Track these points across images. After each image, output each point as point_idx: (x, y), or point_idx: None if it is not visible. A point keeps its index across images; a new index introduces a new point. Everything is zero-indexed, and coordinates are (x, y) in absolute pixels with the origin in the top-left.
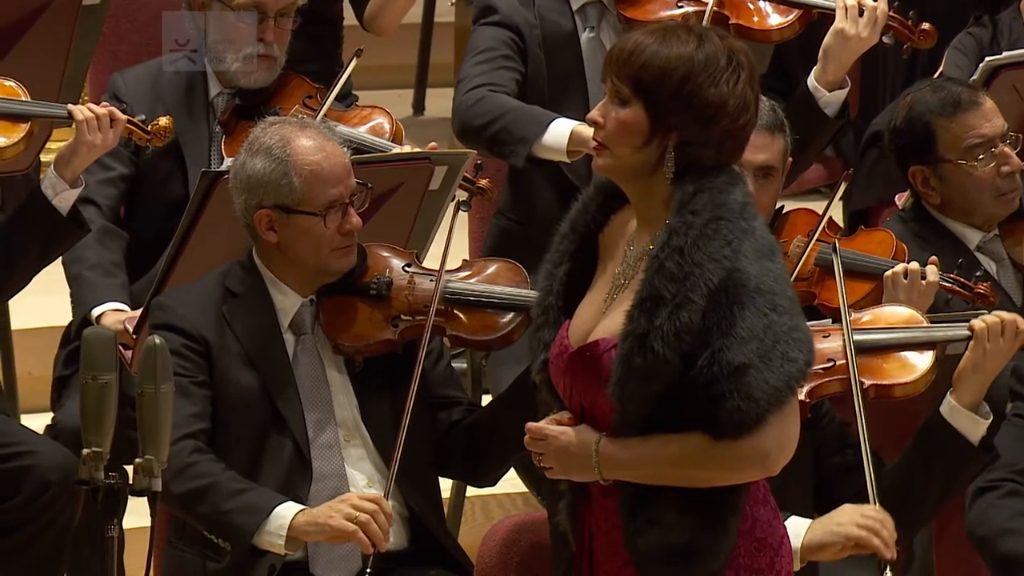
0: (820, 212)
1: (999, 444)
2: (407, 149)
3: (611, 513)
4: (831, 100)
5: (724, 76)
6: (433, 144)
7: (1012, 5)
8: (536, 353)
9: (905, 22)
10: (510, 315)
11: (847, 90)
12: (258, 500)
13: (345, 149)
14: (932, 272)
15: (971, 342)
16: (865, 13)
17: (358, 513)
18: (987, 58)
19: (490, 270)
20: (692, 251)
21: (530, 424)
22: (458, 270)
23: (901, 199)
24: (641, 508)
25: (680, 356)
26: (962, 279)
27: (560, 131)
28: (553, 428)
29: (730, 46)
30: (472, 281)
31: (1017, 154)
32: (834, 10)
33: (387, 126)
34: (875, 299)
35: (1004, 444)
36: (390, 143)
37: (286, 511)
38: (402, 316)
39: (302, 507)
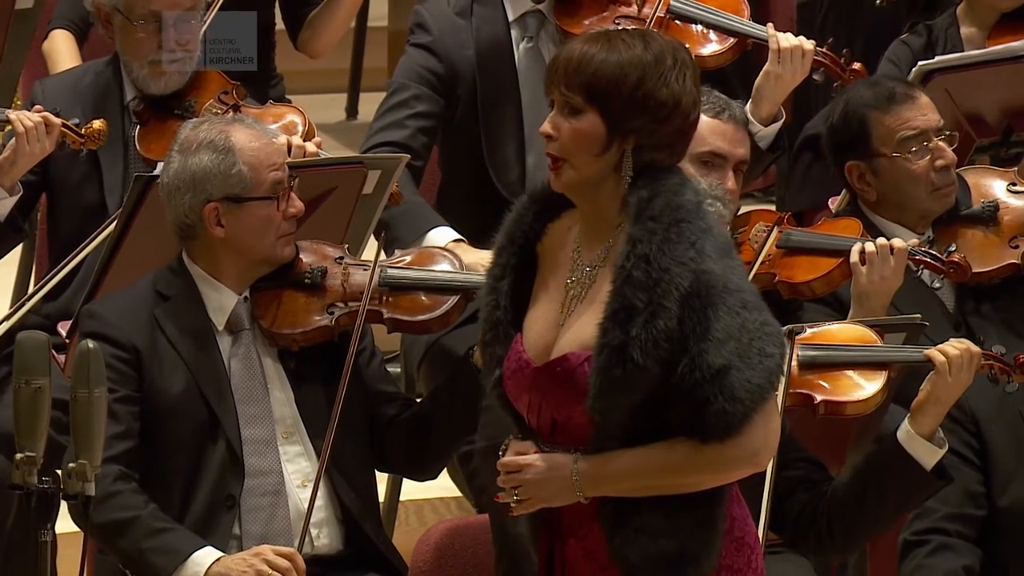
0: (774, 211)
1: None
2: (310, 147)
3: (586, 518)
4: (766, 134)
5: (673, 75)
6: None
7: (947, 11)
8: (490, 370)
9: (837, 60)
10: (446, 297)
11: (781, 123)
12: (177, 543)
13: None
14: (898, 240)
15: (933, 375)
16: (795, 56)
17: (271, 572)
18: (920, 62)
19: (424, 256)
20: (658, 257)
21: (503, 460)
22: (392, 257)
23: (834, 203)
24: (627, 517)
25: (659, 364)
26: (933, 252)
27: (434, 244)
28: (527, 458)
29: (672, 44)
30: (407, 267)
31: (953, 152)
32: (767, 40)
33: (299, 125)
34: (841, 275)
35: None
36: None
37: (203, 558)
38: (337, 304)
39: (219, 555)
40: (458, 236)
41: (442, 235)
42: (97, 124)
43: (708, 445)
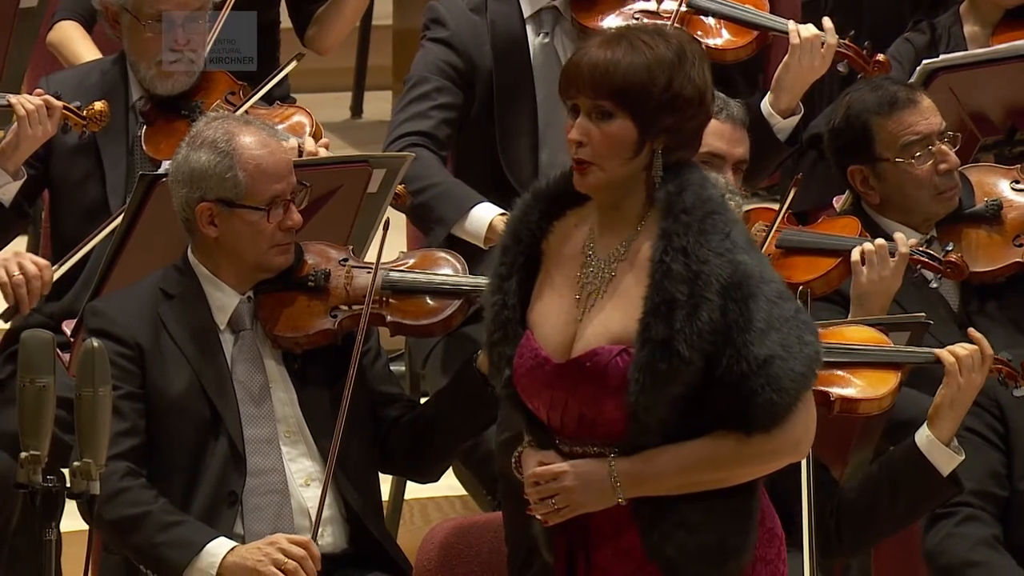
0: (775, 209)
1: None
2: (322, 151)
3: (618, 519)
4: (784, 126)
5: (695, 70)
6: None
7: (950, 9)
8: (499, 369)
9: (860, 52)
10: (449, 300)
11: (799, 116)
12: (190, 535)
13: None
14: (902, 242)
15: (945, 378)
16: (814, 47)
17: (287, 560)
18: (924, 61)
19: (427, 259)
20: (696, 249)
21: (536, 471)
22: (395, 260)
23: (839, 202)
24: (664, 513)
25: (703, 356)
26: (931, 252)
27: (480, 219)
28: (559, 466)
29: (686, 38)
30: (409, 270)
31: (956, 153)
32: (788, 33)
33: (307, 125)
34: (839, 275)
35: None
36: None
37: (218, 548)
38: (340, 307)
39: (233, 544)
40: (502, 211)
41: (487, 211)
42: (99, 105)
43: (753, 437)
